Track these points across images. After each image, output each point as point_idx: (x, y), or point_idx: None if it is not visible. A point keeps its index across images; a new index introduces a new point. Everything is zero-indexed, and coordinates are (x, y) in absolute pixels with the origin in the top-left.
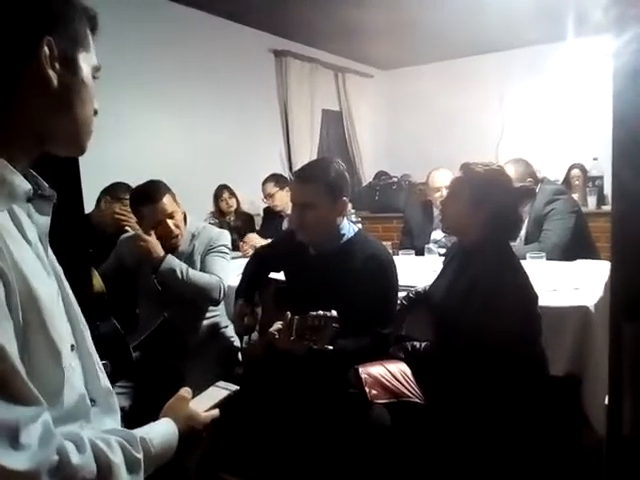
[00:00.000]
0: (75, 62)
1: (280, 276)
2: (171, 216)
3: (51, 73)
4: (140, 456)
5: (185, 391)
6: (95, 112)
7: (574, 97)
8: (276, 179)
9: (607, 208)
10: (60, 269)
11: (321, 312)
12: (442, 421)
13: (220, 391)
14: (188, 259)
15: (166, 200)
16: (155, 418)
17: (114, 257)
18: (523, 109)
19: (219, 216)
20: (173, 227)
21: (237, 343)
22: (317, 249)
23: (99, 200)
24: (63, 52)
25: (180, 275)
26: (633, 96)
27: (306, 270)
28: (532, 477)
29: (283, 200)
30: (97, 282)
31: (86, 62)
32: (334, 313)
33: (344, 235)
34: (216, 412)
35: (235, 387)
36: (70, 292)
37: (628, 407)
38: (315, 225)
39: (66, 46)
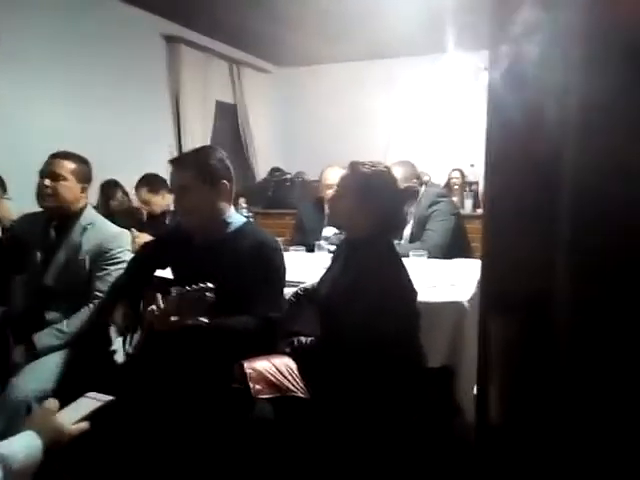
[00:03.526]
0: None
1: (166, 273)
2: (53, 176)
3: None
4: (0, 475)
5: (51, 403)
6: None
7: (455, 106)
8: (148, 183)
9: (481, 211)
10: None
11: (195, 285)
12: (323, 415)
13: (90, 402)
14: (72, 253)
15: (61, 162)
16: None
17: (6, 235)
18: (410, 115)
19: (107, 214)
20: (45, 186)
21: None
22: (202, 238)
23: None
24: None
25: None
26: (504, 108)
27: (191, 260)
28: (407, 466)
29: (159, 204)
30: None
31: None
32: (209, 285)
33: (231, 224)
34: (85, 425)
35: (107, 397)
36: None
37: (494, 397)
38: (193, 209)
39: None
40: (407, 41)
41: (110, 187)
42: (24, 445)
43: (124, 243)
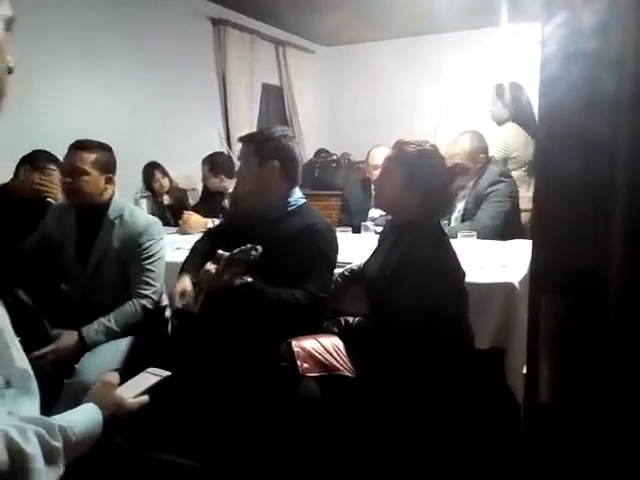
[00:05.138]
0: None
1: None
2: (73, 172)
3: None
4: (59, 445)
5: (112, 376)
6: (10, 70)
7: (508, 82)
8: (211, 162)
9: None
10: None
11: (243, 246)
12: (372, 394)
13: (150, 377)
14: (104, 252)
15: (80, 155)
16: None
17: (41, 228)
18: (460, 92)
19: (152, 195)
20: (67, 182)
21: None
22: (259, 215)
23: (18, 169)
24: None
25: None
26: (559, 83)
27: (249, 238)
28: (455, 444)
29: (215, 184)
30: None
31: None
32: (258, 247)
33: (289, 204)
34: (145, 398)
35: (167, 373)
36: None
37: (544, 376)
38: (246, 184)
39: None
40: (456, 15)
41: (149, 168)
42: (84, 418)
43: (154, 234)
